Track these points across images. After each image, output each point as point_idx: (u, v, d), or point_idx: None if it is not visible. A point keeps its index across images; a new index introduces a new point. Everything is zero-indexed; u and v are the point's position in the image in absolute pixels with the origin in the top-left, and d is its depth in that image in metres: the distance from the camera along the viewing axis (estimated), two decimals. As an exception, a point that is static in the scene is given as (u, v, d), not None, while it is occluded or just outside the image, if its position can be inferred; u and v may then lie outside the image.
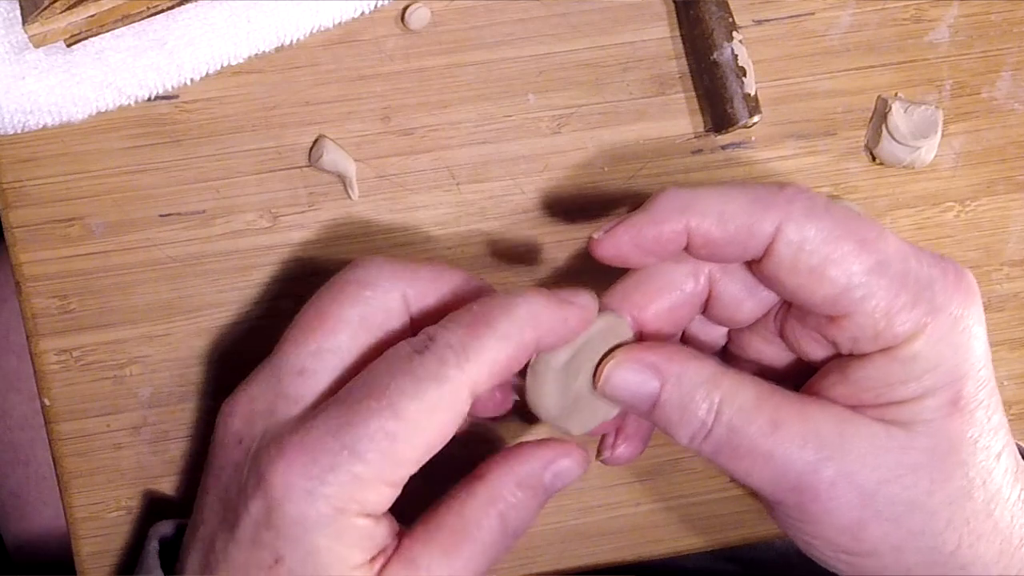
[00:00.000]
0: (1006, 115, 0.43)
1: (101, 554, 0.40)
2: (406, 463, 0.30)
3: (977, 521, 0.31)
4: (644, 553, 0.43)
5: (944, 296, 0.30)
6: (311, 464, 0.29)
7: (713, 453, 0.32)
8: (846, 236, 0.30)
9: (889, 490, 0.30)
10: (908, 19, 0.42)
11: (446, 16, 0.39)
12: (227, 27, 0.38)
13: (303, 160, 0.39)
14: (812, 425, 0.31)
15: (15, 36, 0.36)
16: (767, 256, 0.31)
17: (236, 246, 0.39)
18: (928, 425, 0.31)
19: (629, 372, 0.32)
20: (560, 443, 0.33)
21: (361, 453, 0.29)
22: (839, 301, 0.31)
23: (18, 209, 0.38)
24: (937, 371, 0.30)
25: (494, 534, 0.32)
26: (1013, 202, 0.43)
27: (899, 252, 0.31)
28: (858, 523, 0.31)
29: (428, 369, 0.30)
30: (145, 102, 0.38)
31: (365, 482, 0.29)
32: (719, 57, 0.39)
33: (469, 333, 0.31)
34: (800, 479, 0.31)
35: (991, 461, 0.31)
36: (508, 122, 0.40)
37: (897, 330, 0.30)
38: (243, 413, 0.32)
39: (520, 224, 0.41)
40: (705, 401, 0.31)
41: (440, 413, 0.30)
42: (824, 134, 0.42)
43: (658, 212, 0.32)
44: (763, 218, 0.31)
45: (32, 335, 0.39)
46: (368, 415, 0.29)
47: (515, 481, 0.32)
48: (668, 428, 0.32)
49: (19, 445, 0.62)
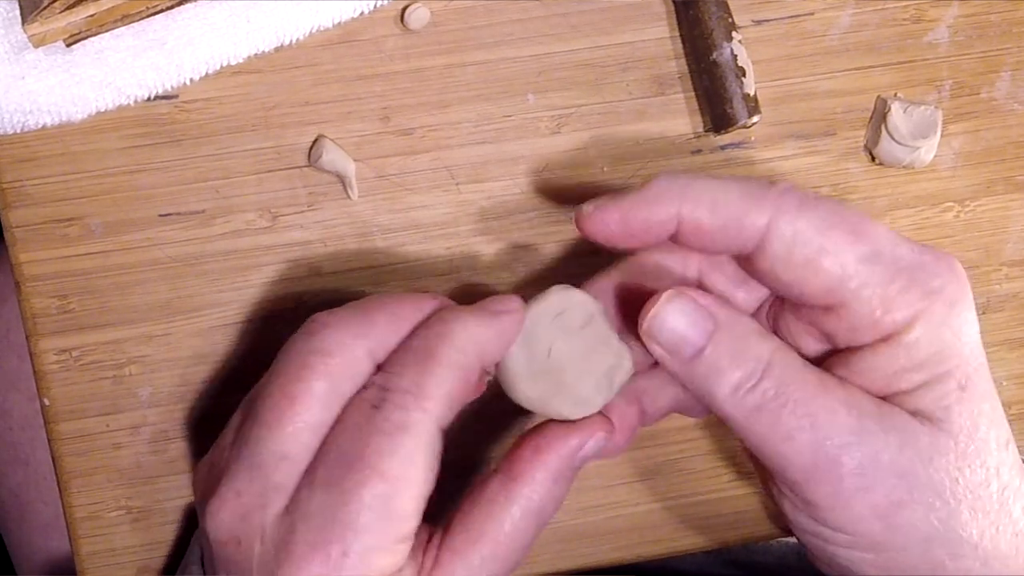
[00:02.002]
0: (1006, 115, 0.43)
1: (101, 554, 0.40)
2: (408, 516, 0.30)
3: (995, 513, 0.30)
4: (644, 553, 0.43)
5: (939, 280, 0.30)
6: (323, 557, 0.29)
7: (755, 408, 0.30)
8: (838, 226, 0.30)
9: (921, 474, 0.30)
10: (908, 19, 0.42)
11: (446, 16, 0.39)
12: (227, 27, 0.38)
13: (303, 160, 0.39)
14: (853, 396, 0.30)
15: (15, 36, 0.36)
16: (760, 251, 0.31)
17: (236, 246, 0.39)
18: (947, 412, 0.30)
19: (681, 313, 0.31)
20: (587, 424, 0.33)
21: (364, 526, 0.29)
22: (835, 291, 0.30)
23: (18, 209, 0.38)
24: (940, 356, 0.30)
25: (531, 532, 0.32)
26: (1013, 202, 0.43)
27: (890, 240, 0.31)
28: (894, 506, 0.30)
29: (394, 422, 0.30)
30: (145, 102, 0.38)
31: (377, 549, 0.30)
32: (719, 57, 0.39)
33: (418, 371, 0.30)
34: (841, 450, 0.30)
35: (1002, 451, 0.31)
36: (508, 122, 0.40)
37: (895, 316, 0.30)
38: (233, 510, 0.31)
39: (520, 224, 0.41)
40: (759, 349, 0.31)
41: (419, 458, 0.30)
42: (824, 134, 0.42)
43: (651, 194, 0.31)
44: (755, 211, 0.30)
45: (32, 335, 0.39)
46: (357, 488, 0.29)
47: (552, 477, 0.32)
48: (708, 378, 0.31)
49: (19, 445, 0.62)
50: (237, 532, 0.31)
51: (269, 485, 0.30)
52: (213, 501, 0.31)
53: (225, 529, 0.31)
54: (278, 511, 0.30)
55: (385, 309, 0.32)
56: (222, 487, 0.31)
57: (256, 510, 0.30)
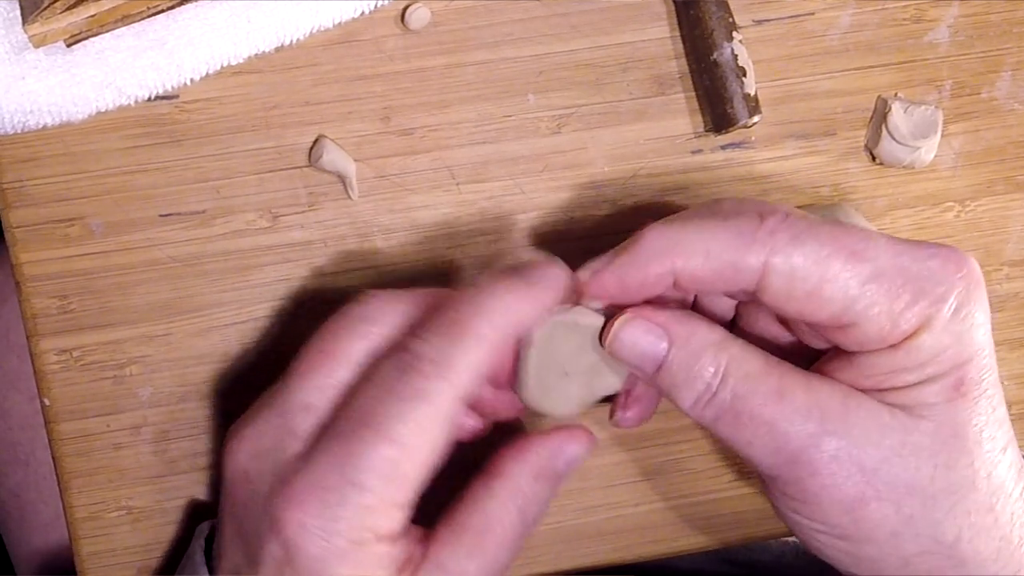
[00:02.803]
0: (1006, 115, 0.43)
1: (101, 554, 0.40)
2: (411, 482, 0.30)
3: (979, 515, 0.31)
4: (644, 553, 0.43)
5: (944, 286, 0.30)
6: (321, 503, 0.30)
7: (715, 419, 0.31)
8: (835, 253, 0.30)
9: (891, 470, 0.30)
10: (908, 19, 0.42)
11: (446, 16, 0.39)
12: (227, 27, 0.38)
13: (303, 160, 0.39)
14: (816, 397, 0.31)
15: (15, 36, 0.36)
16: (761, 288, 0.31)
17: (236, 246, 0.39)
18: (931, 409, 0.30)
19: (638, 330, 0.32)
20: (566, 430, 0.33)
21: (366, 484, 0.30)
22: (842, 316, 0.30)
23: (18, 209, 0.38)
24: (940, 358, 0.30)
25: (516, 528, 0.32)
26: (1013, 202, 0.43)
27: (892, 253, 0.30)
28: (857, 501, 0.30)
29: (413, 388, 0.30)
30: (145, 102, 0.38)
31: (375, 510, 0.30)
32: (719, 57, 0.39)
33: (446, 340, 0.31)
34: (801, 452, 0.30)
35: (996, 453, 0.31)
36: (508, 122, 0.40)
37: (903, 328, 0.30)
38: (249, 449, 0.32)
39: (520, 224, 0.41)
40: (712, 364, 0.31)
41: (433, 428, 0.30)
42: (824, 134, 0.42)
43: (642, 255, 0.32)
44: (748, 254, 0.30)
45: (32, 335, 0.39)
46: (366, 446, 0.30)
47: (532, 474, 0.33)
48: (672, 391, 0.32)
49: (19, 445, 0.62)
50: (248, 468, 0.32)
51: (287, 430, 0.32)
52: (233, 440, 0.33)
53: (239, 465, 0.32)
54: (291, 455, 0.31)
55: (429, 291, 0.34)
56: (246, 428, 0.32)
57: (270, 451, 0.32)
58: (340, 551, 0.30)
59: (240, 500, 0.32)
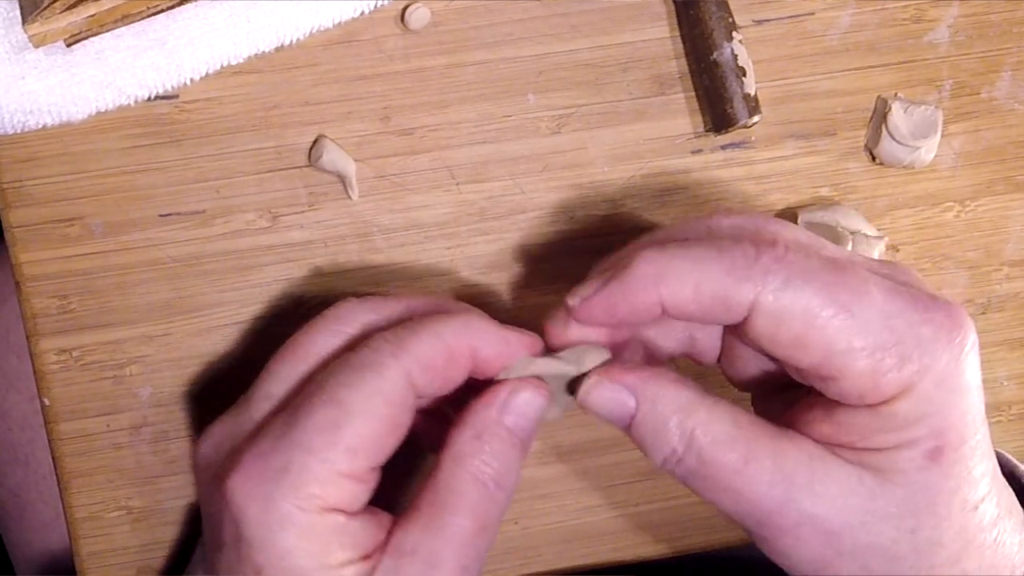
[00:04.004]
0: (1006, 115, 0.43)
1: (101, 554, 0.40)
2: (356, 452, 0.30)
3: (945, 567, 0.30)
4: (644, 553, 0.43)
5: (931, 356, 0.30)
6: (264, 468, 0.30)
7: (683, 478, 0.32)
8: (826, 304, 0.29)
9: (854, 534, 0.30)
10: (908, 19, 0.42)
11: (446, 16, 0.39)
12: (227, 27, 0.38)
13: (303, 160, 0.39)
14: (783, 463, 0.30)
15: (15, 36, 0.36)
16: (747, 325, 0.30)
17: (236, 246, 0.39)
18: (902, 475, 0.30)
19: (607, 390, 0.32)
20: (509, 382, 0.33)
21: (308, 446, 0.30)
22: (823, 367, 0.30)
23: (18, 209, 0.38)
24: (918, 426, 0.30)
25: (473, 495, 0.31)
26: (1013, 202, 0.43)
27: (884, 312, 0.30)
28: (822, 561, 0.30)
29: (363, 359, 0.31)
30: (145, 102, 0.38)
31: (319, 476, 0.30)
32: (719, 57, 0.39)
33: (405, 331, 0.32)
34: (767, 517, 0.30)
35: (967, 512, 0.31)
36: (508, 122, 0.40)
37: (883, 391, 0.30)
38: (213, 440, 0.33)
39: (520, 224, 0.41)
40: (678, 428, 0.31)
41: (379, 397, 0.30)
42: (824, 134, 0.42)
43: (631, 283, 0.31)
44: (739, 288, 0.30)
45: (32, 335, 0.39)
46: (311, 409, 0.30)
47: (473, 434, 0.32)
48: (642, 448, 0.32)
49: (19, 445, 0.62)
50: (210, 457, 0.33)
51: (248, 418, 0.32)
52: (201, 437, 0.33)
53: (203, 458, 0.33)
54: (246, 435, 0.32)
55: (400, 298, 0.34)
56: (214, 425, 0.33)
57: (228, 437, 0.32)
58: (284, 517, 0.29)
59: (204, 491, 0.33)
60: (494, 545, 0.40)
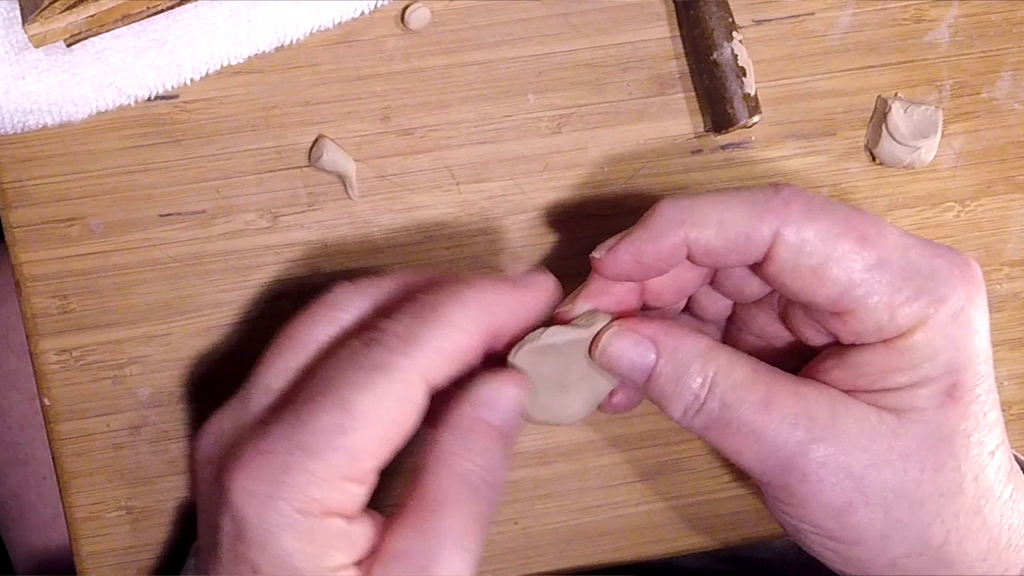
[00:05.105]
0: (1006, 115, 0.43)
1: (101, 554, 0.40)
2: (363, 456, 0.29)
3: (967, 517, 0.31)
4: (644, 553, 0.43)
5: (947, 287, 0.30)
6: (266, 467, 0.29)
7: (704, 428, 0.32)
8: (845, 234, 0.30)
9: (878, 475, 0.30)
10: (908, 19, 0.42)
11: (446, 16, 0.39)
12: (227, 27, 0.38)
13: (303, 160, 0.39)
14: (804, 405, 0.31)
15: (15, 36, 0.36)
16: (768, 260, 0.31)
17: (236, 246, 0.39)
18: (921, 414, 0.30)
19: (626, 342, 0.32)
20: (483, 376, 0.32)
21: (314, 450, 0.29)
22: (842, 299, 0.31)
23: (18, 209, 0.38)
24: (934, 361, 0.30)
25: (460, 494, 0.31)
26: (1013, 202, 0.43)
27: (900, 245, 0.31)
28: (846, 506, 0.30)
29: (375, 359, 0.30)
30: (145, 102, 0.38)
31: (323, 480, 0.29)
32: (719, 57, 0.39)
33: (416, 321, 0.30)
34: (790, 459, 0.30)
35: (984, 457, 0.31)
36: (508, 122, 0.40)
37: (899, 323, 0.30)
38: (213, 434, 0.32)
39: (520, 224, 0.41)
40: (700, 374, 0.31)
41: (391, 402, 0.29)
42: (824, 134, 0.42)
43: (656, 227, 0.32)
44: (761, 223, 0.30)
45: (32, 335, 0.39)
46: (317, 410, 0.29)
47: (453, 433, 0.31)
48: (662, 401, 0.32)
49: (19, 445, 0.62)
50: (208, 453, 0.32)
51: (246, 412, 0.32)
52: (199, 432, 0.32)
53: (202, 453, 0.32)
54: (246, 430, 0.31)
55: (396, 275, 0.33)
56: (210, 421, 0.32)
57: (227, 432, 0.32)
58: (284, 519, 0.29)
59: (204, 484, 0.32)
60: (494, 545, 0.40)
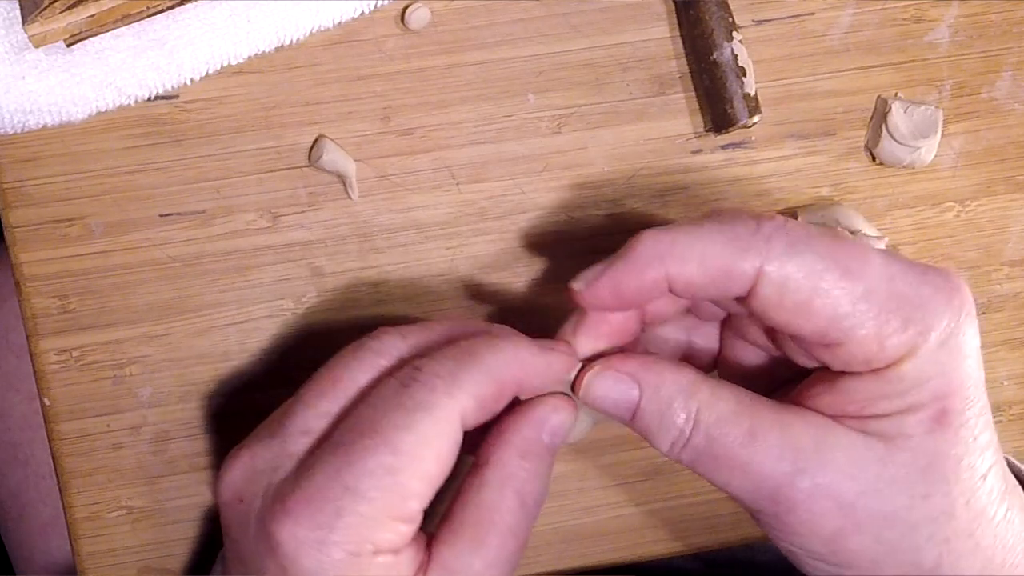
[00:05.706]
0: (1006, 115, 0.43)
1: (101, 554, 0.40)
2: (411, 496, 0.30)
3: (958, 540, 0.30)
4: (644, 553, 0.43)
5: (934, 316, 0.30)
6: (317, 513, 0.29)
7: (692, 462, 0.32)
8: (829, 268, 0.30)
9: (867, 502, 0.30)
10: (908, 19, 0.42)
11: (446, 16, 0.39)
12: (227, 27, 0.38)
13: (303, 160, 0.39)
14: (790, 435, 0.30)
15: (15, 36, 0.36)
16: (752, 295, 0.31)
17: (236, 246, 0.39)
18: (909, 440, 0.30)
19: (608, 381, 0.32)
20: (545, 400, 0.33)
21: (364, 492, 0.29)
22: (829, 332, 0.30)
23: (18, 209, 0.38)
24: (922, 389, 0.30)
25: (515, 514, 0.32)
26: (1013, 202, 0.43)
27: (885, 275, 0.30)
28: (837, 534, 0.30)
29: (417, 400, 0.30)
30: (145, 102, 0.38)
31: (374, 521, 0.29)
32: (719, 57, 0.39)
33: (456, 364, 0.31)
34: (777, 490, 0.30)
35: (976, 481, 0.31)
36: (508, 122, 0.40)
37: (888, 353, 0.30)
38: (243, 469, 0.32)
39: (520, 224, 0.41)
40: (683, 410, 0.31)
41: (435, 441, 0.30)
42: (824, 134, 0.42)
43: (636, 261, 0.31)
44: (743, 261, 0.30)
45: (32, 335, 0.39)
46: (364, 453, 0.29)
47: (519, 454, 0.32)
48: (648, 436, 0.32)
49: (19, 445, 0.62)
50: (241, 490, 0.31)
51: (284, 452, 0.31)
52: (227, 462, 0.32)
53: (232, 488, 0.32)
54: (286, 473, 0.31)
55: (443, 324, 0.34)
56: (241, 451, 0.32)
57: (264, 472, 0.31)
58: (337, 564, 0.29)
59: (235, 523, 0.32)
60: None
